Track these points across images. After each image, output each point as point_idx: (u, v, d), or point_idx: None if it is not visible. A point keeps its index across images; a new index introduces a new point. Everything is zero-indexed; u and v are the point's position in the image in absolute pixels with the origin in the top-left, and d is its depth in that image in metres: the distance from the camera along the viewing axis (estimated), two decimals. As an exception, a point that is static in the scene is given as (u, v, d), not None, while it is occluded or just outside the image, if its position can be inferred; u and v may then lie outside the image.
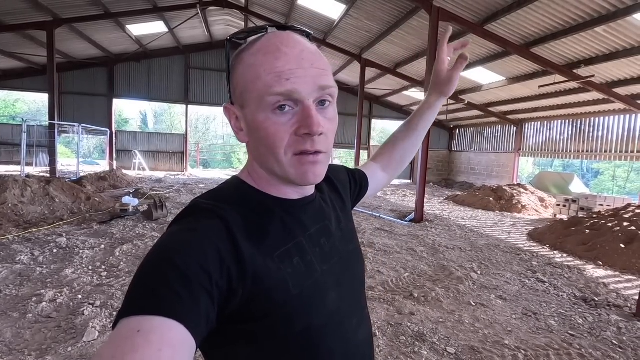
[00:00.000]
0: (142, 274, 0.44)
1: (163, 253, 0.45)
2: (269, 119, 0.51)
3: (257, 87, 0.50)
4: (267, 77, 0.49)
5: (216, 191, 0.57)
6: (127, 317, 0.39)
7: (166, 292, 0.41)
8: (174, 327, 0.39)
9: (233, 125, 0.57)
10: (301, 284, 0.53)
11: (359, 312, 0.65)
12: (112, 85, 15.68)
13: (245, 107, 0.54)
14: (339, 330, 0.58)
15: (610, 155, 11.02)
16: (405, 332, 2.85)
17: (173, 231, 0.49)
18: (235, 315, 0.48)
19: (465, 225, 7.63)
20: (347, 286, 0.63)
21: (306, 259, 0.56)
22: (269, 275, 0.50)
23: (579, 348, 2.73)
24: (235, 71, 0.54)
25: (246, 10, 12.14)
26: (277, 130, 0.51)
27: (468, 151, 17.74)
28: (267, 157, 0.54)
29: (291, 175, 0.53)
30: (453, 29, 8.91)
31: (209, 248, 0.46)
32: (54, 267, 3.85)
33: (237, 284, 0.47)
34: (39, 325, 2.68)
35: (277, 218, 0.56)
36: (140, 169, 15.99)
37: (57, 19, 10.32)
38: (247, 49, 0.54)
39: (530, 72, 9.84)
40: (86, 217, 6.20)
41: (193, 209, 0.52)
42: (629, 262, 4.92)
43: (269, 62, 0.50)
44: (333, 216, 0.66)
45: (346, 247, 0.66)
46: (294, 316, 0.52)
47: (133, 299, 0.42)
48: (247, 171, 0.60)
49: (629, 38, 6.90)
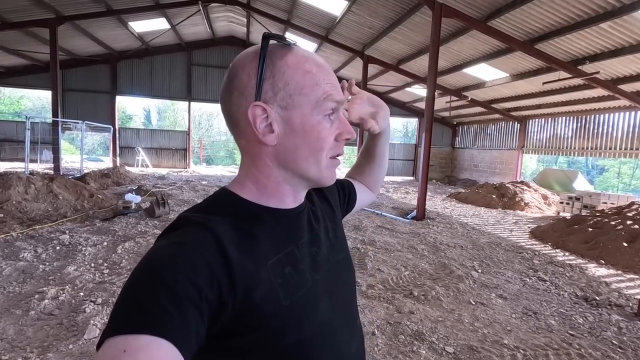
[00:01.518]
0: (128, 290, 0.43)
1: (150, 268, 0.44)
2: (322, 123, 0.55)
3: (317, 92, 0.54)
4: (326, 86, 0.55)
5: (204, 204, 0.56)
6: (113, 337, 0.38)
7: (154, 308, 0.40)
8: (163, 345, 0.38)
9: (258, 126, 0.53)
10: (292, 295, 0.53)
11: (351, 322, 0.65)
12: (115, 82, 15.72)
13: (291, 109, 0.54)
14: (332, 341, 0.57)
15: (615, 152, 10.92)
16: (404, 331, 2.85)
17: (160, 245, 0.48)
18: (225, 330, 0.47)
19: (467, 223, 7.61)
20: (338, 296, 0.62)
21: (298, 269, 0.55)
22: (260, 286, 0.49)
23: (578, 348, 2.72)
24: (279, 72, 0.53)
25: (248, 6, 12.09)
26: (327, 134, 0.56)
27: (471, 148, 17.64)
28: (308, 159, 0.56)
29: (324, 177, 0.58)
30: (456, 25, 8.85)
31: (198, 261, 0.45)
32: (57, 264, 3.89)
33: (228, 297, 0.46)
34: (41, 322, 2.71)
35: (268, 228, 0.55)
36: (143, 166, 16.06)
37: (60, 16, 10.33)
38: (288, 54, 0.55)
39: (534, 69, 9.74)
40: (89, 214, 6.24)
41: (181, 222, 0.51)
42: (632, 261, 4.89)
43: (324, 74, 0.55)
44: (323, 225, 0.66)
45: (336, 257, 0.66)
46: (285, 328, 0.51)
47: (119, 316, 0.40)
48: (244, 181, 0.58)
49: (634, 34, 6.80)
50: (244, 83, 0.54)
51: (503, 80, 11.00)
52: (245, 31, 15.17)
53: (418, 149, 18.57)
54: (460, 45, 9.58)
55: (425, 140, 7.46)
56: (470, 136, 17.85)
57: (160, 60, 16.19)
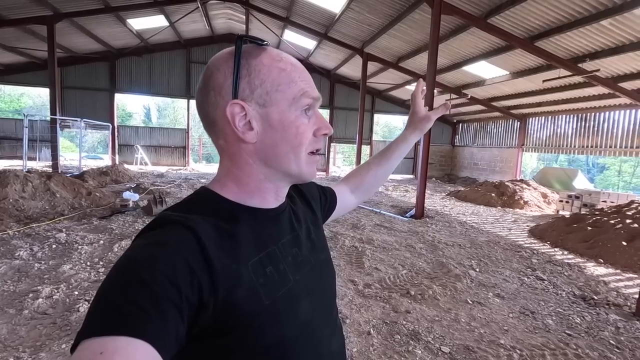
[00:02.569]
0: (105, 291, 0.41)
1: (128, 268, 0.43)
2: (299, 119, 0.56)
3: (293, 89, 0.55)
4: (301, 83, 0.56)
5: (185, 203, 0.56)
6: (89, 338, 0.37)
7: (131, 309, 0.39)
8: (141, 346, 0.37)
9: (237, 124, 0.54)
10: (273, 294, 0.53)
11: (331, 322, 0.65)
12: (113, 79, 15.68)
13: (269, 106, 0.54)
14: (312, 341, 0.58)
15: (616, 150, 10.88)
16: (400, 330, 2.83)
17: (139, 244, 0.47)
18: (206, 329, 0.46)
19: (466, 221, 7.59)
20: (319, 296, 0.63)
21: (279, 268, 0.55)
22: (241, 286, 0.49)
23: (575, 348, 2.70)
24: (255, 71, 0.54)
25: (247, 4, 12.04)
26: (305, 130, 0.56)
27: (471, 146, 17.61)
28: (288, 155, 0.56)
29: (304, 172, 0.59)
30: (456, 22, 8.81)
31: (177, 261, 0.44)
32: (53, 262, 3.87)
33: (208, 297, 0.45)
34: (35, 321, 2.69)
35: (249, 227, 0.55)
36: (142, 164, 16.04)
37: (57, 13, 10.28)
38: (262, 54, 0.56)
39: (535, 67, 9.70)
40: (86, 212, 6.22)
41: (161, 221, 0.51)
42: (631, 260, 4.87)
43: (299, 72, 0.57)
44: (304, 226, 0.67)
45: (317, 257, 0.66)
46: (266, 327, 0.51)
47: (95, 318, 0.39)
48: (225, 180, 0.58)
49: (635, 31, 6.76)
50: (220, 83, 0.54)
51: (503, 78, 10.96)
52: (244, 28, 15.10)
53: (417, 147, 18.52)
54: (460, 42, 9.53)
55: (424, 138, 7.42)
56: (470, 134, 17.81)
57: (159, 58, 16.14)
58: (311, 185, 0.80)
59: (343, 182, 0.95)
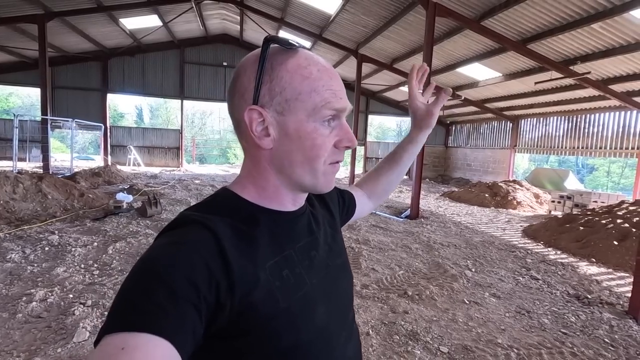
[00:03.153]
0: (127, 288, 0.43)
1: (149, 266, 0.44)
2: (317, 130, 0.54)
3: (314, 99, 0.53)
4: (325, 93, 0.53)
5: (205, 203, 0.57)
6: (111, 334, 0.38)
7: (152, 307, 0.40)
8: (160, 344, 0.38)
9: (254, 129, 0.54)
10: (290, 297, 0.53)
11: (347, 326, 0.65)
12: (106, 79, 15.51)
13: (287, 114, 0.53)
14: (328, 346, 0.57)
15: (605, 151, 11.07)
16: (398, 331, 2.84)
17: (160, 244, 0.48)
18: (222, 330, 0.47)
19: (461, 221, 7.65)
20: (335, 300, 0.62)
21: (295, 272, 0.56)
22: (258, 288, 0.49)
23: (571, 346, 2.74)
24: (277, 77, 0.53)
25: (241, 4, 12.00)
26: (323, 142, 0.55)
27: (464, 147, 17.76)
28: (303, 166, 0.55)
29: (320, 184, 0.57)
30: (450, 25, 8.89)
31: (197, 261, 0.45)
32: (46, 265, 3.81)
33: (226, 298, 0.46)
34: (29, 325, 2.65)
35: (267, 229, 0.55)
36: (135, 165, 15.88)
37: (49, 12, 10.13)
38: (290, 58, 0.54)
39: (527, 69, 9.82)
40: (79, 214, 6.14)
41: (181, 221, 0.51)
42: (622, 259, 4.95)
43: (325, 79, 0.54)
44: (322, 230, 0.67)
45: (334, 261, 0.66)
46: (282, 331, 0.51)
47: (117, 314, 0.41)
48: (245, 182, 0.59)
49: (625, 35, 6.89)
50: (244, 86, 0.54)
51: (496, 80, 11.08)
52: (239, 29, 15.06)
53: (412, 148, 18.60)
54: (454, 44, 9.62)
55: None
56: (464, 135, 17.97)
57: (152, 58, 16.00)
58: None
59: (358, 186, 0.93)
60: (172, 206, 7.29)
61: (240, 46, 16.71)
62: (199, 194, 9.23)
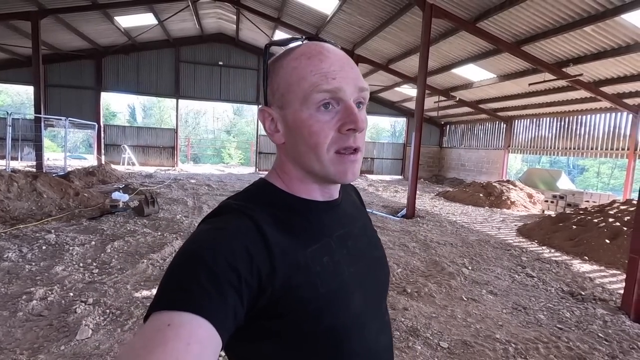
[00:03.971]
0: (173, 270, 0.45)
1: (193, 250, 0.47)
2: (313, 117, 0.53)
3: (302, 87, 0.53)
4: (313, 77, 0.52)
5: (244, 192, 0.60)
6: (159, 311, 0.41)
7: (196, 288, 0.42)
8: (203, 324, 0.40)
9: (267, 127, 0.58)
10: (329, 283, 0.54)
11: (380, 318, 0.65)
12: (100, 78, 15.35)
13: (285, 107, 0.55)
14: (362, 333, 0.58)
15: (595, 152, 11.27)
16: (399, 327, 2.89)
17: (203, 229, 0.51)
18: (262, 312, 0.49)
19: (456, 221, 7.73)
20: (370, 291, 0.63)
21: (334, 259, 0.57)
22: (299, 272, 0.51)
23: (566, 341, 2.81)
24: (276, 75, 0.56)
25: (238, 3, 11.98)
26: (321, 128, 0.53)
27: (458, 147, 17.92)
28: (308, 155, 0.55)
29: (331, 173, 0.56)
30: (446, 26, 8.96)
31: (237, 247, 0.47)
32: (44, 264, 3.78)
33: (267, 283, 0.48)
34: (30, 323, 2.64)
35: (305, 218, 0.58)
36: (129, 164, 15.75)
37: (43, 9, 10.02)
38: (286, 54, 0.56)
39: (521, 70, 9.96)
40: (75, 213, 6.09)
41: (222, 209, 0.55)
42: (614, 257, 5.06)
43: (314, 64, 0.53)
44: (360, 222, 0.69)
45: (372, 253, 0.68)
46: (320, 315, 0.52)
47: (165, 293, 0.43)
48: (276, 173, 0.61)
49: (616, 38, 7.03)
50: (263, 89, 0.59)
51: (490, 81, 11.21)
52: (235, 28, 15.02)
53: (407, 148, 18.75)
54: (450, 45, 9.72)
55: (415, 139, 7.54)
56: (458, 136, 18.13)
57: (147, 56, 15.88)
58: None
59: None
60: (169, 205, 7.27)
61: (236, 46, 16.67)
62: (195, 193, 9.20)
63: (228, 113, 37.76)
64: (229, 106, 34.87)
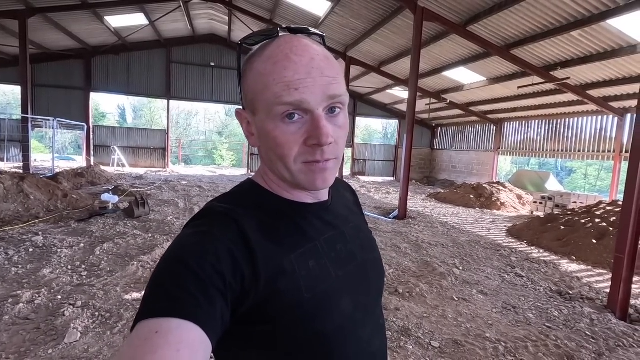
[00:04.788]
0: (157, 276, 0.45)
1: (177, 255, 0.46)
2: (278, 128, 0.50)
3: (266, 96, 0.50)
4: (275, 87, 0.49)
5: (230, 194, 0.58)
6: (146, 320, 0.40)
7: (182, 294, 0.42)
8: (192, 328, 0.40)
9: (245, 129, 0.58)
10: (314, 288, 0.53)
11: (374, 321, 0.64)
12: (89, 78, 15.13)
13: (256, 114, 0.54)
14: (352, 337, 0.57)
15: (583, 154, 11.49)
16: (391, 327, 2.90)
17: (187, 233, 0.50)
18: (246, 316, 0.49)
19: (447, 222, 7.81)
20: (362, 294, 0.61)
21: (321, 263, 0.56)
22: (283, 277, 0.51)
23: (555, 339, 2.85)
24: (246, 77, 0.54)
25: (230, 4, 11.95)
26: (287, 140, 0.51)
27: (449, 149, 18.10)
28: (277, 164, 0.54)
29: (301, 182, 0.54)
30: (437, 29, 9.05)
31: (222, 251, 0.47)
32: (31, 266, 3.71)
33: (250, 286, 0.48)
34: (17, 327, 2.58)
35: (292, 221, 0.57)
36: (119, 165, 15.54)
37: (30, 8, 9.85)
38: (257, 54, 0.53)
39: (510, 73, 10.12)
40: (63, 215, 5.99)
41: (207, 212, 0.54)
42: (601, 256, 5.17)
43: (277, 72, 0.49)
44: (352, 225, 0.66)
45: (366, 256, 0.65)
46: (306, 320, 0.51)
47: (150, 301, 0.43)
48: (261, 175, 0.61)
49: (602, 42, 7.19)
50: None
51: (480, 84, 11.37)
52: (227, 29, 14.97)
53: (399, 150, 18.87)
54: (441, 48, 9.83)
55: (406, 141, 7.60)
56: (449, 138, 18.31)
57: (137, 57, 15.71)
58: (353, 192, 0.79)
59: None
60: (159, 207, 7.19)
61: (228, 47, 16.60)
62: (186, 195, 9.12)
63: (220, 114, 37.57)
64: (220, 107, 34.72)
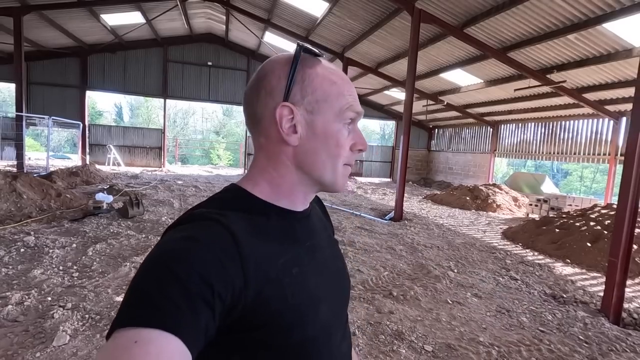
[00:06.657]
0: (140, 282, 0.43)
1: (163, 262, 0.44)
2: (341, 131, 0.59)
3: (340, 102, 0.58)
4: (348, 97, 0.59)
5: (216, 199, 0.57)
6: (124, 328, 0.39)
7: (165, 304, 0.40)
8: (172, 340, 0.39)
9: (284, 125, 0.56)
10: (298, 294, 0.54)
11: (342, 326, 0.67)
12: (85, 76, 15.04)
13: (316, 113, 0.57)
14: (329, 343, 0.59)
15: (578, 157, 11.55)
16: (384, 330, 2.89)
17: (173, 238, 0.48)
18: (234, 326, 0.47)
19: (443, 224, 7.81)
20: (335, 301, 0.64)
21: (303, 270, 0.57)
22: (270, 284, 0.50)
23: (548, 344, 2.85)
24: (310, 79, 0.57)
25: (228, 4, 11.91)
26: (345, 142, 0.59)
27: (446, 151, 18.14)
28: (325, 163, 0.58)
29: (337, 183, 0.60)
30: (434, 31, 9.07)
31: (211, 259, 0.45)
32: (21, 267, 3.67)
33: (240, 296, 0.46)
34: (5, 329, 2.54)
35: (279, 227, 0.57)
36: (115, 164, 15.45)
37: (25, 5, 9.77)
38: (317, 64, 0.59)
39: (507, 76, 10.15)
40: (56, 214, 5.93)
41: (194, 216, 0.52)
42: (595, 260, 5.18)
43: (348, 87, 0.60)
44: (325, 234, 0.71)
45: (336, 264, 0.69)
46: (290, 326, 0.52)
47: (130, 308, 0.41)
48: (255, 180, 0.59)
49: (598, 46, 7.22)
50: (273, 84, 0.57)
51: (477, 86, 11.40)
52: (224, 29, 14.92)
53: (395, 151, 18.89)
54: (438, 50, 9.84)
55: (403, 142, 7.60)
56: (446, 139, 18.36)
57: (134, 55, 15.64)
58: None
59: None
60: (154, 207, 7.15)
61: (225, 46, 16.56)
62: (181, 194, 9.07)
63: (217, 114, 37.47)
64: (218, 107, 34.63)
